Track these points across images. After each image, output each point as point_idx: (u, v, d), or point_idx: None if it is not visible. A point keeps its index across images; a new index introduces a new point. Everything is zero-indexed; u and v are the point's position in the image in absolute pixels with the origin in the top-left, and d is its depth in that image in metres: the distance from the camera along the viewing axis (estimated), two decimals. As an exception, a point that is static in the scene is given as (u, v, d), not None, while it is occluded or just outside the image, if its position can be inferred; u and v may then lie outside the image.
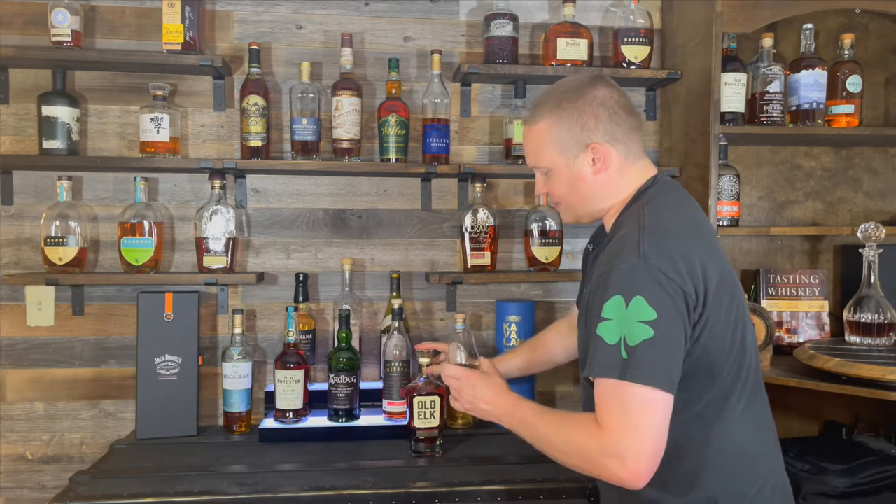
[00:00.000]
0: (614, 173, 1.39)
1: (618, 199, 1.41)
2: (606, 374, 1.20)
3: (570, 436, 1.27)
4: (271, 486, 1.75)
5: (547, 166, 1.43)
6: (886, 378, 1.79)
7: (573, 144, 1.38)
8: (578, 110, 1.37)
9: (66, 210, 2.11)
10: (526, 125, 1.47)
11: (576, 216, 1.47)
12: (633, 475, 1.18)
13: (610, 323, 1.21)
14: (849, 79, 2.29)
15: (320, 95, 2.21)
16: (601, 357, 1.22)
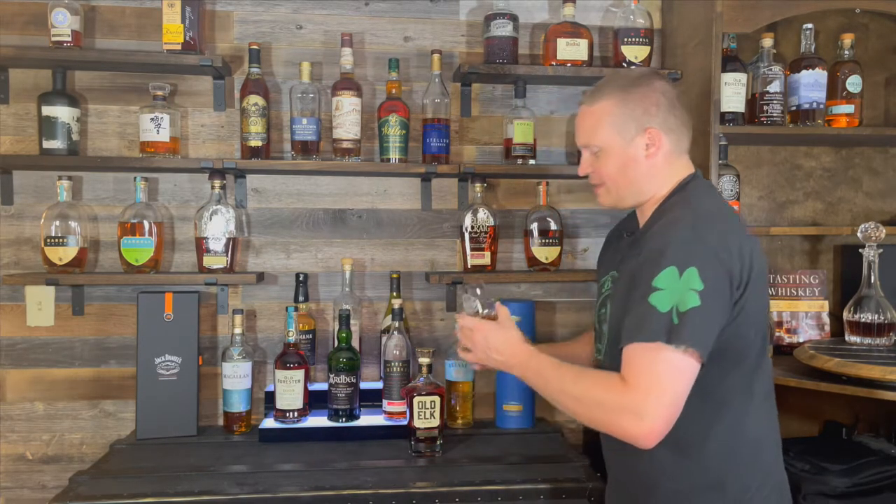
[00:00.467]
0: (662, 161, 1.45)
1: (661, 189, 1.46)
2: (654, 338, 1.24)
3: (590, 388, 1.31)
4: (271, 486, 1.75)
5: (601, 145, 1.46)
6: (886, 378, 1.79)
7: (632, 127, 1.43)
8: (641, 95, 1.44)
9: (66, 210, 2.11)
10: (584, 105, 1.50)
11: (616, 198, 1.50)
12: (647, 435, 1.23)
13: (663, 293, 1.26)
14: (849, 79, 2.29)
15: (320, 95, 2.21)
16: (651, 324, 1.25)
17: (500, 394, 2.22)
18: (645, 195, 1.48)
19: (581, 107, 1.52)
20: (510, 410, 2.20)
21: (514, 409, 2.20)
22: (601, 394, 1.29)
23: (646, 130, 1.43)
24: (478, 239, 2.22)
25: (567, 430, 2.41)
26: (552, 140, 2.41)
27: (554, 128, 2.42)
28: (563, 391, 1.35)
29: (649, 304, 1.26)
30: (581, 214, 2.44)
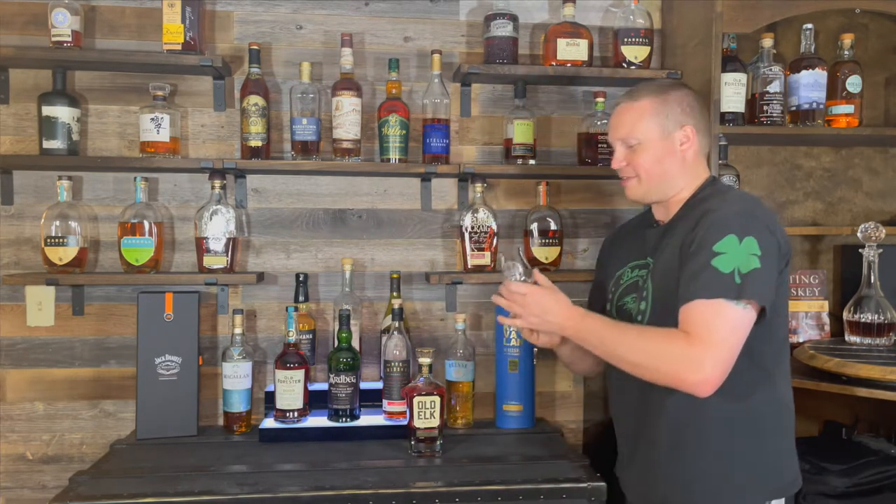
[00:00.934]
0: (692, 158, 1.60)
1: (688, 186, 1.60)
2: (716, 295, 1.37)
3: (651, 340, 1.42)
4: (271, 486, 1.75)
5: (640, 139, 1.58)
6: (886, 378, 1.79)
7: (671, 123, 1.57)
8: (679, 96, 1.60)
9: (67, 210, 2.11)
10: (624, 102, 1.63)
11: (645, 191, 1.62)
12: (705, 383, 1.36)
13: (724, 256, 1.39)
14: (849, 79, 2.29)
15: (320, 95, 2.21)
16: (714, 283, 1.37)
17: (500, 394, 2.22)
18: (672, 190, 1.60)
19: (621, 104, 1.64)
20: (510, 410, 2.20)
21: (514, 409, 2.20)
22: (663, 345, 1.39)
23: (682, 127, 1.58)
24: (478, 239, 2.22)
25: (567, 430, 2.41)
26: (552, 140, 2.41)
27: (554, 128, 2.42)
28: (622, 344, 1.45)
29: (711, 265, 1.39)
30: (581, 214, 2.44)
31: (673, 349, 1.38)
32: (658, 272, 1.54)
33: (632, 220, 1.82)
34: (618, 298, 1.66)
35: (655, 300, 1.53)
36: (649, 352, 1.41)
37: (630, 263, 1.67)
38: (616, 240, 1.80)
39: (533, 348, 2.20)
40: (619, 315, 1.64)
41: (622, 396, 1.64)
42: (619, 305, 1.66)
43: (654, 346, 1.41)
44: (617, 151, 1.63)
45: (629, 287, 1.64)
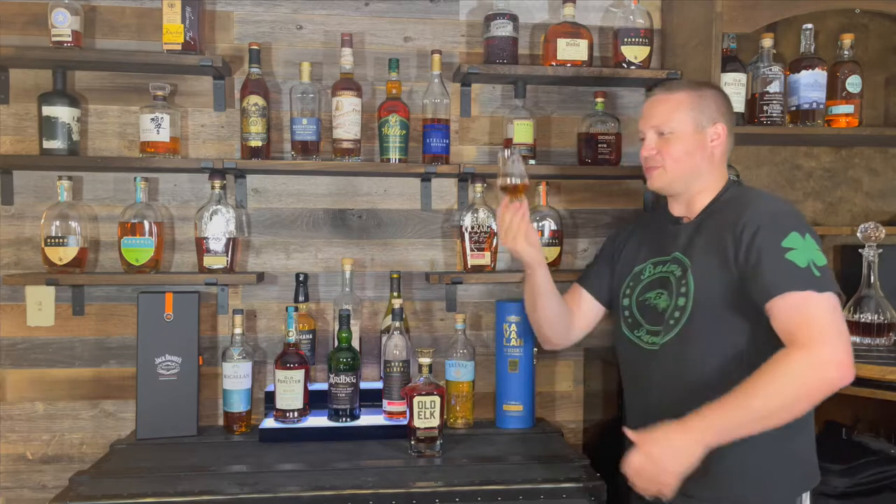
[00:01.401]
0: (719, 157, 1.64)
1: (713, 183, 1.64)
2: (805, 287, 1.40)
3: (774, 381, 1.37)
4: (271, 486, 1.75)
5: (673, 129, 1.61)
6: (886, 378, 1.79)
7: (705, 118, 1.62)
8: (715, 95, 1.66)
9: (67, 210, 2.11)
10: (661, 93, 1.67)
11: (668, 181, 1.64)
12: (848, 369, 1.37)
13: (796, 251, 1.43)
14: (848, 79, 2.29)
15: (320, 95, 2.22)
16: (797, 276, 1.41)
17: (500, 394, 2.22)
18: (696, 185, 1.63)
19: (656, 95, 1.68)
20: (510, 410, 2.20)
21: (514, 409, 2.20)
22: (790, 373, 1.36)
23: (715, 124, 1.62)
24: (478, 239, 2.22)
25: (567, 430, 2.41)
26: (552, 140, 2.41)
27: (554, 128, 2.42)
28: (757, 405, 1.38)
29: (787, 259, 1.42)
30: (581, 214, 2.44)
31: (800, 368, 1.37)
32: (699, 270, 1.55)
33: (645, 216, 1.84)
34: (639, 294, 1.68)
35: (698, 299, 1.53)
36: (785, 390, 1.36)
37: (651, 260, 1.69)
38: (630, 236, 1.81)
39: (533, 348, 2.20)
40: (641, 310, 1.66)
41: (644, 393, 1.64)
42: (640, 301, 1.67)
43: (783, 381, 1.37)
44: (648, 139, 1.66)
45: (653, 283, 1.65)
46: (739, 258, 1.48)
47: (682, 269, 1.59)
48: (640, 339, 1.65)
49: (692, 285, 1.55)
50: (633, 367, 1.69)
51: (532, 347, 2.20)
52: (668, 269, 1.63)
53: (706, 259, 1.54)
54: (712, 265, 1.52)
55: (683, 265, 1.59)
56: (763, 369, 1.39)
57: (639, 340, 1.65)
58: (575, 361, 2.45)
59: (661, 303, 1.61)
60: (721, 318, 1.51)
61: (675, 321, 1.56)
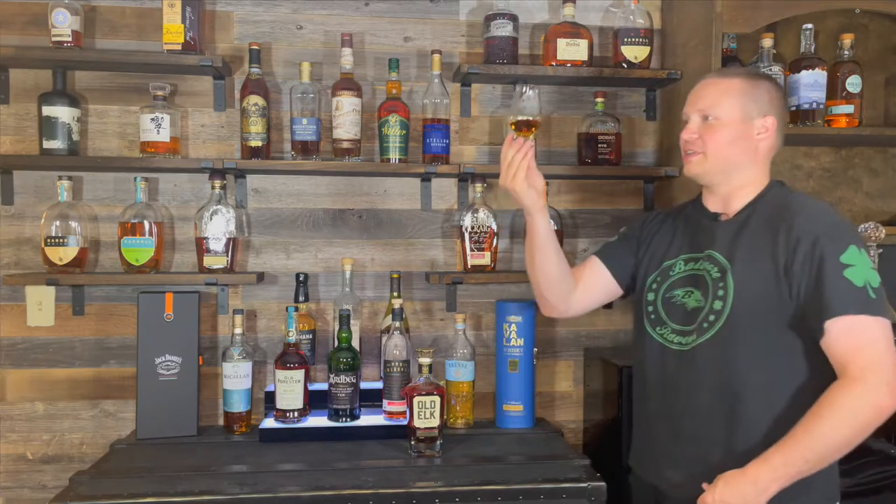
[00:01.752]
0: (764, 152, 1.56)
1: (755, 179, 1.56)
2: (860, 311, 1.36)
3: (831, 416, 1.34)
4: (271, 486, 1.75)
5: (720, 115, 1.53)
6: (886, 378, 1.79)
7: (755, 108, 1.54)
8: (770, 87, 1.57)
9: (67, 210, 2.11)
10: (713, 77, 1.60)
11: (706, 169, 1.56)
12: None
13: (854, 269, 1.38)
14: (848, 79, 2.28)
15: (320, 95, 2.22)
16: (853, 298, 1.37)
17: (500, 394, 2.22)
18: (736, 179, 1.56)
19: (708, 78, 1.60)
20: (510, 410, 2.20)
21: (514, 409, 2.20)
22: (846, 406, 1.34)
23: (766, 116, 1.54)
24: (478, 239, 2.22)
25: (567, 430, 2.41)
26: (552, 140, 2.41)
27: (554, 128, 2.42)
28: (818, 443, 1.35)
29: (846, 278, 1.37)
30: (581, 214, 2.44)
31: (857, 404, 1.34)
32: (741, 274, 1.47)
33: (677, 208, 1.74)
34: (666, 289, 1.60)
35: (738, 303, 1.46)
36: (843, 430, 1.34)
37: (683, 255, 1.60)
38: (660, 226, 1.70)
39: (533, 348, 2.20)
40: (666, 307, 1.58)
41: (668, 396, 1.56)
42: (666, 297, 1.59)
43: (842, 420, 1.34)
44: (691, 122, 1.57)
45: (683, 280, 1.57)
46: (794, 268, 1.41)
47: (720, 270, 1.50)
48: (663, 337, 1.57)
49: (732, 289, 1.47)
50: (656, 366, 1.59)
51: (532, 347, 2.20)
52: (702, 266, 1.54)
53: (751, 263, 1.47)
54: (758, 271, 1.45)
55: (721, 266, 1.50)
56: (820, 409, 1.35)
57: (662, 339, 1.57)
58: (575, 361, 2.45)
59: (692, 302, 1.54)
60: (761, 326, 1.45)
61: (710, 324, 1.49)
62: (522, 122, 1.63)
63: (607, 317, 2.42)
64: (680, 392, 1.53)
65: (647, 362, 1.62)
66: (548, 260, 1.67)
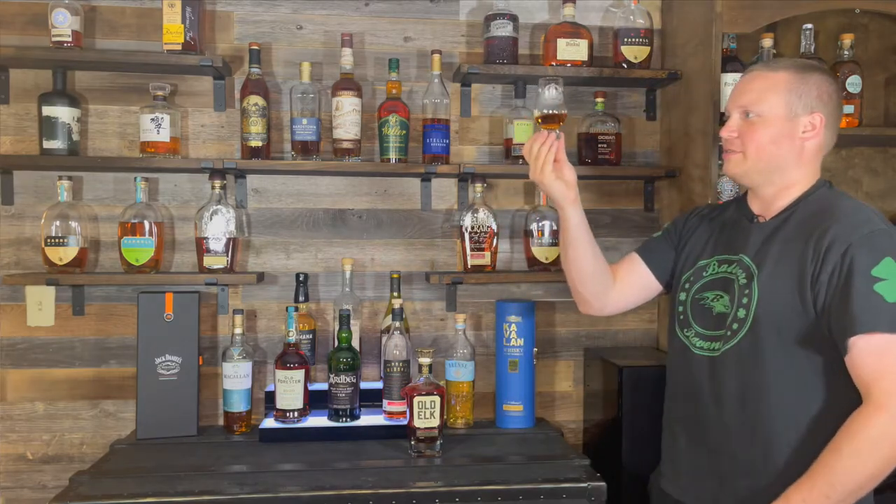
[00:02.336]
0: (812, 152, 1.46)
1: (801, 179, 1.46)
2: (890, 329, 1.26)
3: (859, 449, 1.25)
4: (271, 486, 1.75)
5: (764, 112, 1.44)
6: (886, 378, 1.79)
7: (801, 104, 1.43)
8: (819, 81, 1.45)
9: (67, 210, 2.11)
10: (758, 70, 1.49)
11: (747, 170, 1.47)
12: None
13: (886, 283, 1.28)
14: (849, 79, 2.28)
15: (320, 95, 2.22)
16: (881, 315, 1.27)
17: (500, 394, 2.22)
18: (780, 180, 1.46)
19: (753, 71, 1.50)
20: (510, 410, 2.20)
21: (514, 409, 2.20)
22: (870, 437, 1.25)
23: (813, 113, 1.43)
24: (478, 239, 2.22)
25: (567, 430, 2.41)
26: (552, 140, 2.41)
27: (554, 128, 2.41)
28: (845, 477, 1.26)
29: (875, 292, 1.28)
30: (581, 214, 2.44)
31: (881, 433, 1.24)
32: (766, 283, 1.40)
33: (722, 206, 1.66)
34: (696, 291, 1.53)
35: (761, 312, 1.39)
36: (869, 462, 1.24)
37: (717, 256, 1.53)
38: (701, 223, 1.64)
39: (533, 348, 2.20)
40: (694, 309, 1.52)
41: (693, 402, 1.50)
42: (695, 298, 1.53)
43: (867, 451, 1.24)
44: (731, 119, 1.48)
45: (715, 282, 1.50)
46: (821, 278, 1.33)
47: (747, 276, 1.44)
48: (688, 339, 1.52)
49: (756, 297, 1.40)
50: (680, 370, 1.54)
51: (532, 347, 2.20)
52: (733, 270, 1.47)
53: (778, 270, 1.39)
54: (783, 279, 1.38)
55: (749, 272, 1.44)
56: (839, 442, 1.27)
57: (686, 341, 1.52)
58: (575, 361, 2.45)
59: (719, 306, 1.47)
60: (784, 338, 1.38)
61: (733, 333, 1.43)
62: (548, 115, 1.64)
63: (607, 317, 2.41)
64: (702, 400, 1.48)
65: (673, 365, 1.59)
66: (582, 254, 1.61)
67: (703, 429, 1.48)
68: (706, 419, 1.47)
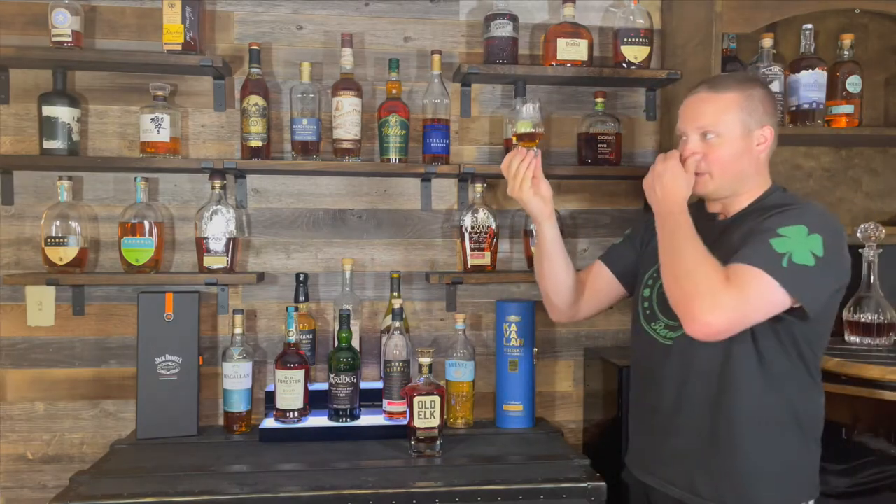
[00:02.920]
0: (763, 161, 1.58)
1: (758, 186, 1.58)
2: (761, 266, 1.36)
3: (702, 262, 1.40)
4: (271, 486, 1.75)
5: (721, 132, 1.53)
6: (886, 378, 1.80)
7: (753, 120, 1.53)
8: (764, 96, 1.56)
9: (67, 210, 2.11)
10: (706, 92, 1.56)
11: (715, 188, 1.56)
12: (707, 325, 1.36)
13: (784, 240, 1.38)
14: (848, 79, 2.28)
15: (320, 95, 2.22)
16: (764, 255, 1.37)
17: (500, 394, 2.23)
18: (743, 188, 1.57)
19: (701, 93, 1.57)
20: (510, 410, 2.20)
21: (514, 409, 2.20)
22: (706, 270, 1.38)
23: (764, 126, 1.54)
24: (478, 239, 2.22)
25: (567, 430, 2.41)
26: (552, 140, 2.41)
27: (554, 128, 2.41)
28: (683, 248, 1.43)
29: (769, 243, 1.38)
30: (581, 214, 2.44)
31: (707, 280, 1.37)
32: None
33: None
34: (661, 287, 1.59)
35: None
36: (692, 268, 1.39)
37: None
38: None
39: (533, 348, 2.20)
40: (660, 302, 1.61)
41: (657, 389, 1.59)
42: (660, 292, 1.60)
43: (702, 269, 1.38)
44: (690, 141, 1.56)
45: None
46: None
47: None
48: (655, 331, 1.60)
49: None
50: (646, 361, 1.64)
51: (532, 347, 2.20)
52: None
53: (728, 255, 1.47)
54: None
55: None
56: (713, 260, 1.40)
57: (654, 333, 1.60)
58: (575, 361, 2.45)
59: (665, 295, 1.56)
60: None
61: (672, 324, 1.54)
62: (525, 133, 1.68)
63: (607, 317, 2.42)
64: (665, 385, 1.57)
65: (640, 357, 1.67)
66: (556, 267, 1.72)
67: (669, 413, 1.56)
68: (674, 402, 1.55)
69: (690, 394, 1.53)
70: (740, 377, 1.47)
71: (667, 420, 1.57)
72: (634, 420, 1.71)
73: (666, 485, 1.58)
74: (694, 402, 1.52)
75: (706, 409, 1.51)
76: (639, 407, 1.68)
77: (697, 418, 1.52)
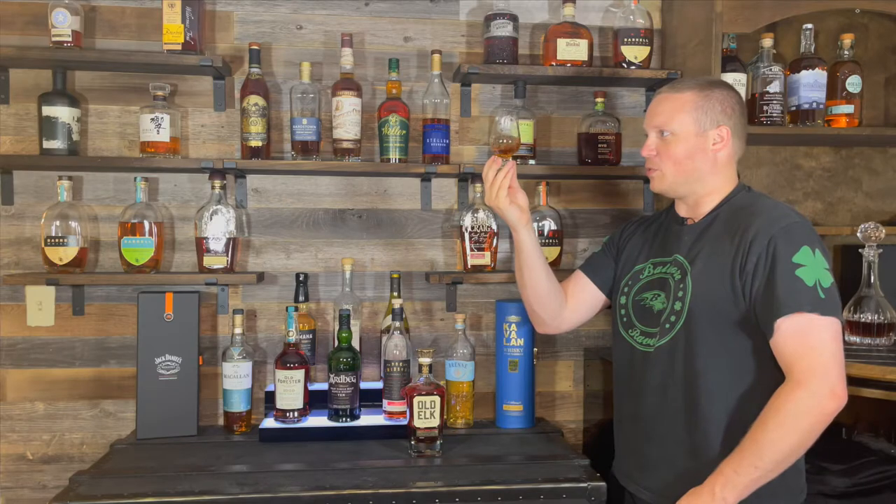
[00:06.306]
0: (724, 160, 1.60)
1: (721, 186, 1.60)
2: (809, 309, 1.38)
3: (781, 423, 1.36)
4: (271, 486, 1.75)
5: (675, 130, 1.57)
6: (886, 378, 1.79)
7: (708, 120, 1.57)
8: (722, 96, 1.59)
9: (67, 210, 2.11)
10: (666, 92, 1.62)
11: (670, 185, 1.61)
12: (842, 399, 1.37)
13: (806, 269, 1.40)
14: (849, 79, 2.29)
15: (320, 95, 2.22)
16: (802, 296, 1.39)
17: (500, 394, 2.22)
18: (702, 189, 1.59)
19: (662, 94, 1.63)
20: (510, 410, 2.20)
21: (514, 409, 2.20)
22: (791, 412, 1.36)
23: (719, 126, 1.57)
24: (478, 239, 2.22)
25: (567, 430, 2.41)
26: (552, 140, 2.41)
27: (554, 128, 2.42)
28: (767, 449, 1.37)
29: (797, 276, 1.40)
30: (581, 214, 2.44)
31: (802, 410, 1.36)
32: (699, 275, 1.52)
33: (652, 215, 1.81)
34: (636, 293, 1.65)
35: (695, 303, 1.51)
36: (791, 437, 1.36)
37: (652, 259, 1.66)
38: (636, 232, 1.78)
39: (533, 348, 2.20)
40: (636, 310, 1.63)
41: (636, 397, 1.61)
42: (636, 300, 1.64)
43: (789, 427, 1.36)
44: (649, 139, 1.62)
45: (651, 283, 1.62)
46: (747, 268, 1.45)
47: (681, 273, 1.56)
48: (633, 339, 1.63)
49: (690, 290, 1.52)
50: (626, 368, 1.66)
51: (532, 347, 2.20)
52: (668, 270, 1.60)
53: (708, 264, 1.51)
54: (714, 271, 1.50)
55: (683, 268, 1.56)
56: (766, 416, 1.38)
57: (632, 341, 1.63)
58: (575, 361, 2.45)
59: (657, 304, 1.59)
60: (717, 326, 1.49)
61: (671, 325, 1.54)
62: (503, 145, 1.74)
63: (607, 317, 2.39)
64: (645, 393, 1.58)
65: (619, 364, 1.69)
66: (537, 275, 1.74)
67: (649, 421, 1.58)
68: (653, 411, 1.57)
69: (669, 402, 1.54)
70: (716, 386, 1.48)
71: (647, 427, 1.59)
72: (617, 426, 1.73)
73: (643, 491, 1.61)
74: (672, 410, 1.53)
75: (684, 417, 1.52)
76: (621, 414, 1.71)
77: (676, 426, 1.53)
